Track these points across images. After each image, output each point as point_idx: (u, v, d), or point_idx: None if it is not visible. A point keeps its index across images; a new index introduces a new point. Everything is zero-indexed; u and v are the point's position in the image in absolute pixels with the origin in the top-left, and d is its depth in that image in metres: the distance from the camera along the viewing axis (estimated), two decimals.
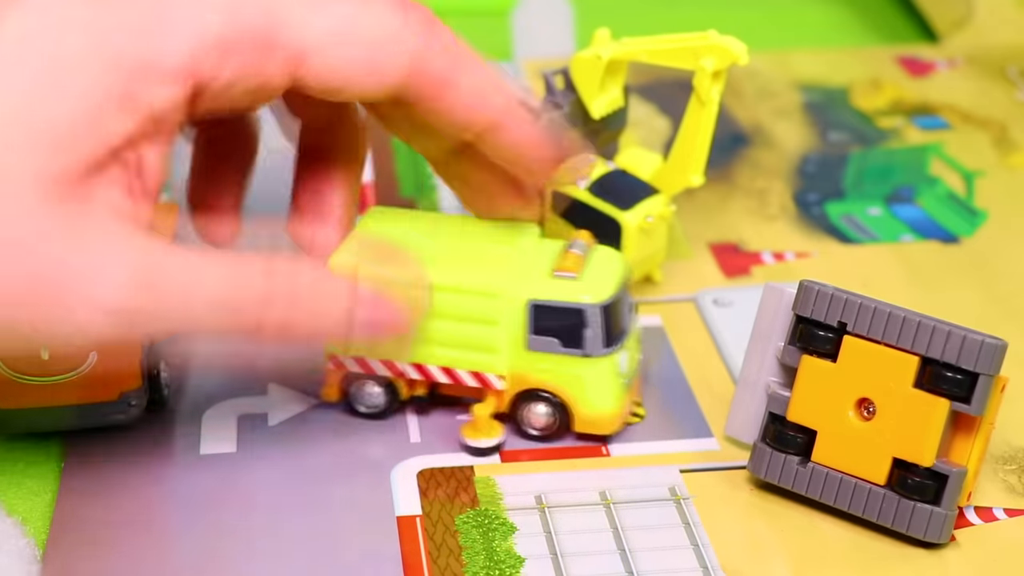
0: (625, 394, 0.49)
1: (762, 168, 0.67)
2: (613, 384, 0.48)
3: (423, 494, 0.47)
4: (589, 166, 0.53)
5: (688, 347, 0.54)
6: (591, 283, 0.47)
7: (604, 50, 0.54)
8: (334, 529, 0.46)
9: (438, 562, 0.44)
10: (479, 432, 0.48)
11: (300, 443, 0.50)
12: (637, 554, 0.45)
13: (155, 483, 0.48)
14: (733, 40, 0.52)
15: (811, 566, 0.44)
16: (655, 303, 0.57)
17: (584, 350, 0.47)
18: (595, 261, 0.49)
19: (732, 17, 0.83)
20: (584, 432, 0.49)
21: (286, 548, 0.45)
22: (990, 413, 0.44)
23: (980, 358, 0.43)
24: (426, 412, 0.50)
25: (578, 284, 0.47)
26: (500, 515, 0.46)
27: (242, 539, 0.45)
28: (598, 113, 0.55)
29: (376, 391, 0.49)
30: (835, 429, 0.45)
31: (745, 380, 0.47)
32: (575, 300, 0.47)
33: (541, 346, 0.48)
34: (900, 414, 0.44)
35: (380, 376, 0.49)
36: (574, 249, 0.48)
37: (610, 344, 0.48)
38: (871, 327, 0.44)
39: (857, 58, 0.78)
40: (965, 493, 0.44)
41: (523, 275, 0.48)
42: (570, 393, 0.48)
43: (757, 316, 0.47)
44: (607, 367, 0.48)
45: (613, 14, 0.72)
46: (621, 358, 0.48)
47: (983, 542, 0.45)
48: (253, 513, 0.47)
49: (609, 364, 0.48)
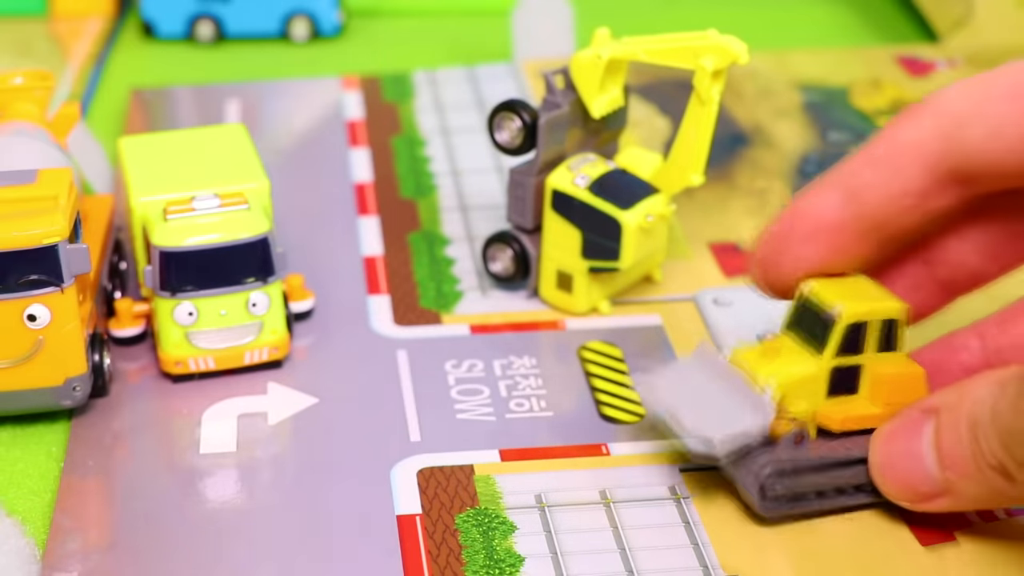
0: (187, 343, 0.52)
1: (762, 168, 0.67)
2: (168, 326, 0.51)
3: (423, 493, 0.47)
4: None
5: (688, 347, 0.54)
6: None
7: (604, 50, 0.54)
8: (334, 529, 0.46)
9: (438, 561, 0.44)
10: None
11: (300, 442, 0.50)
12: (637, 553, 0.45)
13: (154, 483, 0.48)
14: (733, 40, 0.52)
15: (811, 566, 0.44)
16: (655, 303, 0.57)
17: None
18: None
19: (732, 17, 0.83)
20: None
21: (286, 548, 0.45)
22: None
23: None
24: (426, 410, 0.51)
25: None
26: (500, 514, 0.46)
27: (242, 539, 0.45)
28: (598, 113, 0.55)
29: None
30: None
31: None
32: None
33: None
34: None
35: None
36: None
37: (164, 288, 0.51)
38: None
39: (857, 58, 0.78)
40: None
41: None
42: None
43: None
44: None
45: (613, 14, 0.72)
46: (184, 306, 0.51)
47: (983, 542, 0.45)
48: (253, 513, 0.47)
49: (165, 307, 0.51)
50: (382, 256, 0.60)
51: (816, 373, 0.45)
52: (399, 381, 0.52)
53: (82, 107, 0.68)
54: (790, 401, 0.45)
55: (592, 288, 0.56)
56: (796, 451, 0.45)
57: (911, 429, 0.44)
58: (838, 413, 0.46)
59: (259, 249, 0.51)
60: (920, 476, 0.44)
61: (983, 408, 0.42)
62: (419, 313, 0.56)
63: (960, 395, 0.43)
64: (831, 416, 0.46)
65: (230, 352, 0.52)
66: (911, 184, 0.44)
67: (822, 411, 0.46)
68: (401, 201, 0.64)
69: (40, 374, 0.49)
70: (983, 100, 0.43)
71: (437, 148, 0.69)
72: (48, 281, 0.48)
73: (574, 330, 0.56)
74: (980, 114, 0.43)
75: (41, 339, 0.48)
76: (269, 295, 0.52)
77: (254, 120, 0.71)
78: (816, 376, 0.45)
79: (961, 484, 0.43)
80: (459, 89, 0.75)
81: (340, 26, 0.81)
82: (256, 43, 0.80)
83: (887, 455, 0.45)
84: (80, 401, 0.50)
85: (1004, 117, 0.42)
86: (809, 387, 0.45)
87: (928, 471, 0.43)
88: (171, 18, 0.80)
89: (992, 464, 0.42)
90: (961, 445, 0.42)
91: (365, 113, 0.72)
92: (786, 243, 0.46)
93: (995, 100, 0.43)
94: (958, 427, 0.42)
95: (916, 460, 0.44)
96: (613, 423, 0.50)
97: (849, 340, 0.45)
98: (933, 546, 0.45)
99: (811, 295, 0.46)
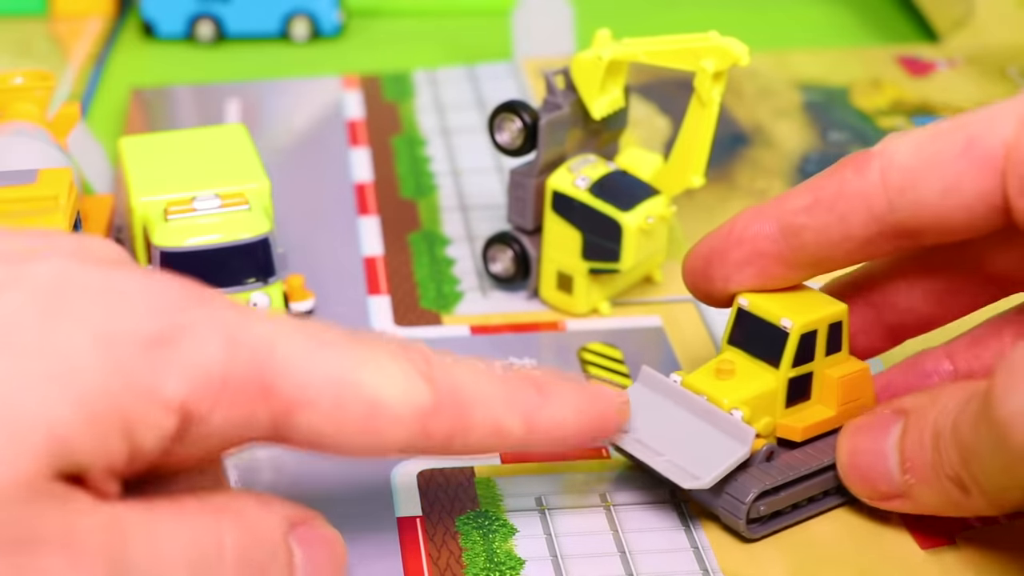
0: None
1: (762, 168, 0.67)
2: None
3: (423, 495, 0.47)
4: None
5: (688, 348, 0.54)
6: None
7: (605, 51, 0.54)
8: None
9: (438, 563, 0.44)
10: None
11: None
12: (637, 556, 0.45)
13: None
14: (734, 41, 0.52)
15: (810, 570, 0.44)
16: (655, 303, 0.57)
17: None
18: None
19: (732, 17, 0.83)
20: None
21: None
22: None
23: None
24: None
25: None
26: (500, 516, 0.46)
27: None
28: (599, 113, 0.55)
29: None
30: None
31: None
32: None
33: None
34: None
35: None
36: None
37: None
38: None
39: (857, 58, 0.78)
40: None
41: None
42: None
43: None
44: None
45: (614, 14, 0.72)
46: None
47: (983, 544, 0.45)
48: None
49: None
50: (382, 256, 0.60)
51: (774, 387, 0.45)
52: None
53: (82, 107, 0.68)
54: (755, 418, 0.45)
55: (592, 289, 0.56)
56: (769, 468, 0.45)
57: (879, 427, 0.44)
58: (798, 423, 0.46)
59: (260, 249, 0.51)
60: (882, 475, 0.44)
61: (947, 419, 0.42)
62: (419, 314, 0.56)
63: (930, 401, 0.43)
64: (792, 427, 0.45)
65: None
66: (853, 231, 0.44)
67: (782, 422, 0.46)
68: (401, 201, 0.64)
69: None
70: (936, 155, 0.42)
71: (437, 148, 0.69)
72: None
73: (574, 331, 0.56)
74: (934, 170, 0.42)
75: None
76: (270, 295, 0.52)
77: (254, 120, 0.71)
78: (775, 390, 0.45)
79: (919, 489, 0.43)
80: (459, 89, 0.75)
81: (340, 26, 0.81)
82: (256, 43, 0.80)
83: (853, 450, 0.45)
84: None
85: (960, 174, 0.42)
86: (769, 401, 0.45)
87: (890, 471, 0.43)
88: (171, 18, 0.80)
89: (950, 475, 0.42)
90: (923, 451, 0.42)
91: (365, 113, 0.72)
92: (720, 263, 0.46)
93: (949, 156, 0.42)
94: (922, 433, 0.42)
95: (880, 458, 0.44)
96: None
97: (802, 350, 0.45)
98: (932, 550, 0.45)
99: (753, 310, 0.46)
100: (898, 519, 0.46)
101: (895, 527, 0.46)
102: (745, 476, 0.45)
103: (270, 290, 0.52)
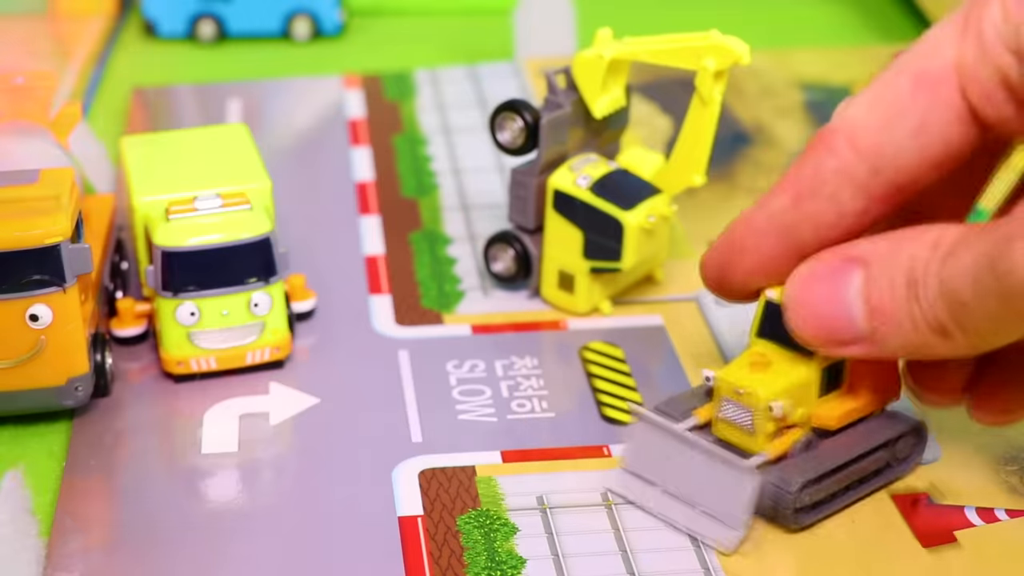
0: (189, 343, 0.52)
1: (764, 167, 0.67)
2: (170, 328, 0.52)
3: (425, 494, 0.47)
4: None
5: (689, 347, 0.54)
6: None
7: (606, 50, 0.54)
8: (335, 529, 0.46)
9: (439, 563, 0.44)
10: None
11: (301, 443, 0.50)
12: (639, 555, 0.45)
13: (156, 482, 0.48)
14: (735, 40, 0.52)
15: (812, 567, 0.44)
16: (656, 303, 0.57)
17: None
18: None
19: (733, 16, 0.83)
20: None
21: (287, 548, 0.45)
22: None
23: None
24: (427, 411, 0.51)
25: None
26: (502, 516, 0.46)
27: (243, 539, 0.45)
28: (600, 113, 0.55)
29: None
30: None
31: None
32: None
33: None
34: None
35: None
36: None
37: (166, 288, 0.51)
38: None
39: (858, 57, 0.78)
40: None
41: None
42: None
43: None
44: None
45: (615, 14, 0.72)
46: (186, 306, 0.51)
47: (985, 543, 0.45)
48: (254, 513, 0.47)
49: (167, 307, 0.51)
50: (383, 256, 0.60)
51: (809, 377, 0.45)
52: (400, 381, 0.52)
53: (84, 106, 0.68)
54: (791, 409, 0.45)
55: (593, 288, 0.56)
56: (808, 458, 0.45)
57: (834, 276, 0.43)
58: (833, 411, 0.46)
59: (261, 249, 0.51)
60: (841, 323, 0.43)
61: (922, 266, 0.41)
62: (421, 313, 0.57)
63: (893, 249, 0.42)
64: (828, 415, 0.46)
65: (232, 352, 0.52)
66: (846, 208, 0.44)
67: (817, 412, 0.46)
68: (402, 200, 0.64)
69: (42, 374, 0.49)
70: (892, 103, 0.43)
71: (439, 147, 0.69)
72: (50, 281, 0.48)
73: (575, 330, 0.56)
74: (896, 118, 0.43)
75: (43, 339, 0.48)
76: (271, 295, 0.52)
77: (255, 119, 0.71)
78: (809, 380, 0.45)
79: (887, 334, 0.42)
80: (461, 88, 0.75)
81: (341, 25, 0.81)
82: (257, 42, 0.80)
83: (805, 298, 0.44)
84: (82, 401, 0.50)
85: (923, 111, 0.42)
86: (804, 392, 0.45)
87: (852, 319, 0.43)
88: (173, 17, 0.80)
89: (930, 323, 0.41)
90: (895, 300, 0.42)
91: (366, 112, 0.72)
92: (732, 273, 0.46)
93: (905, 99, 0.42)
94: (892, 281, 0.42)
95: (839, 306, 0.43)
96: (615, 424, 0.50)
97: None
98: (934, 547, 0.45)
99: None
100: (900, 517, 0.46)
101: (897, 525, 0.46)
102: (787, 466, 0.45)
103: (271, 289, 0.52)
